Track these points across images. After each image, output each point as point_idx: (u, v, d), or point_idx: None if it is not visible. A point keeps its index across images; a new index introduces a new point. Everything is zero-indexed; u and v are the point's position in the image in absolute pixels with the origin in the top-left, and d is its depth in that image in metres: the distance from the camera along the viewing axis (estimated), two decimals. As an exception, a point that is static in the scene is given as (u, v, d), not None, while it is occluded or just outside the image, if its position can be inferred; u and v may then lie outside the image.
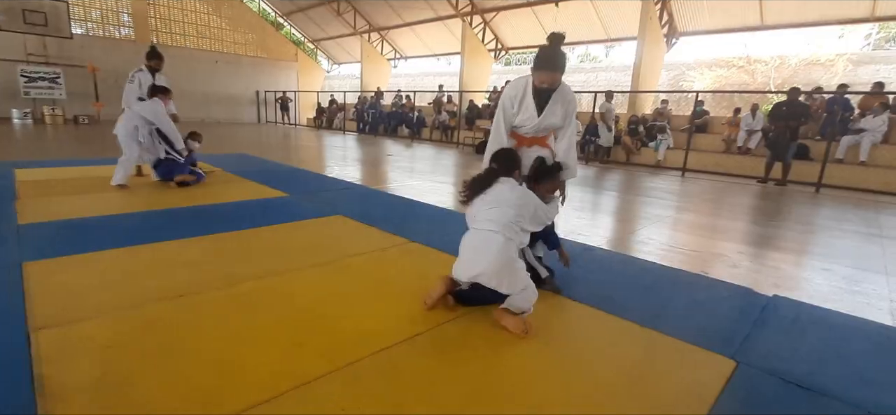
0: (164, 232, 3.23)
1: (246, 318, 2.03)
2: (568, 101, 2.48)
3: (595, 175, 8.27)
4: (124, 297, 2.16)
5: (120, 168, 4.74)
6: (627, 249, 3.60)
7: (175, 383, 1.55)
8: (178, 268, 2.57)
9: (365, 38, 19.40)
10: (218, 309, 2.10)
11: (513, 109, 2.54)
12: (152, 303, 2.12)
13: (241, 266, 2.65)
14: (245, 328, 1.93)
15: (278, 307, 2.14)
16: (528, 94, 2.48)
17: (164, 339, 1.83)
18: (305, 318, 2.05)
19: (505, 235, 2.03)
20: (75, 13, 17.10)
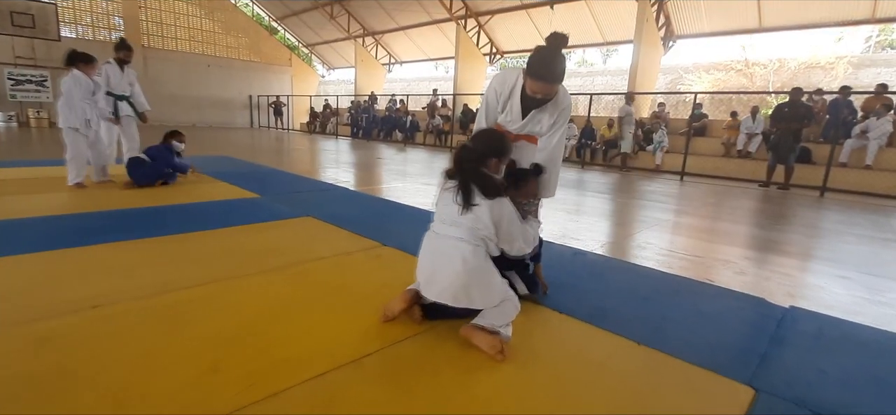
0: (106, 234, 2.88)
1: (163, 334, 1.68)
2: (561, 109, 2.12)
3: (591, 178, 7.95)
4: (24, 309, 1.82)
5: (71, 166, 4.38)
6: (623, 254, 3.27)
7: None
8: (105, 274, 2.23)
9: (359, 43, 19.14)
10: (133, 323, 1.76)
11: (497, 106, 2.22)
12: (57, 317, 1.77)
13: (181, 272, 2.31)
14: (158, 347, 1.59)
15: (206, 321, 1.80)
16: (515, 95, 2.13)
17: (55, 361, 1.48)
18: (235, 334, 1.70)
19: (472, 243, 1.67)
20: (66, 16, 16.87)
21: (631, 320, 2.03)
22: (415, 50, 18.99)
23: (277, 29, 22.68)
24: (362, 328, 1.81)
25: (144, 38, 18.39)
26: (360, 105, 16.83)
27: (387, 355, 1.63)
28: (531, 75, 1.95)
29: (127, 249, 2.64)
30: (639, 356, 1.73)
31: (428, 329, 1.81)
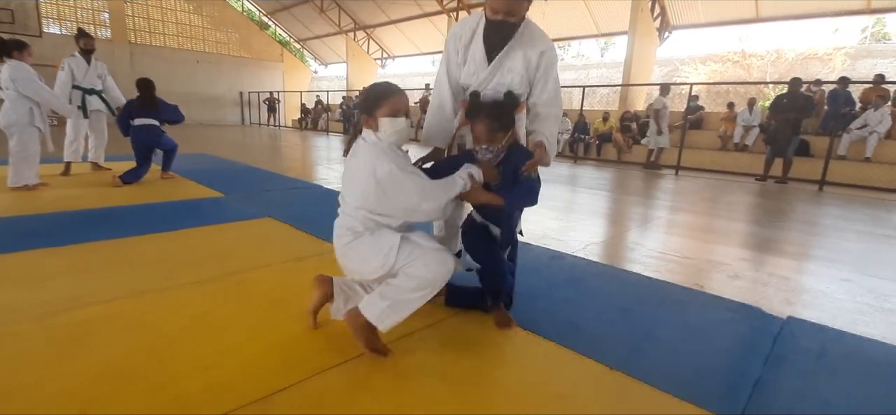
0: (27, 240, 2.60)
1: (44, 364, 1.41)
2: (541, 51, 1.76)
3: (583, 174, 7.68)
4: None
5: (14, 168, 3.97)
6: (608, 257, 3.00)
7: None
8: (11, 286, 1.96)
9: (350, 37, 18.80)
10: (15, 349, 1.49)
11: (457, 57, 1.86)
12: (-73, 341, 1.50)
13: (100, 283, 2.03)
14: (27, 384, 1.32)
15: (103, 347, 1.53)
16: (477, 37, 1.79)
17: None
18: (129, 365, 1.43)
19: (344, 212, 1.58)
20: (51, 12, 16.51)
21: (606, 338, 1.77)
22: (407, 44, 18.66)
23: (269, 24, 22.30)
24: (287, 353, 1.54)
25: (131, 34, 18.02)
26: (352, 100, 16.52)
27: (306, 389, 1.36)
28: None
29: (50, 257, 2.37)
30: (610, 386, 1.47)
31: (360, 356, 1.54)
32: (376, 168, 1.43)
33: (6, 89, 3.99)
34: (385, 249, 1.47)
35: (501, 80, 1.81)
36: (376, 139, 1.51)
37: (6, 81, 3.96)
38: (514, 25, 1.73)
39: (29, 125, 4.02)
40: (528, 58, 1.78)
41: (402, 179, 1.45)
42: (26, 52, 4.13)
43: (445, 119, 1.94)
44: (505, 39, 1.75)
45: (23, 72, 3.97)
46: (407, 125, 1.52)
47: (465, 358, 1.58)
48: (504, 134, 1.66)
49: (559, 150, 10.61)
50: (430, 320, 1.83)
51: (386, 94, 1.51)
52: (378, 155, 1.45)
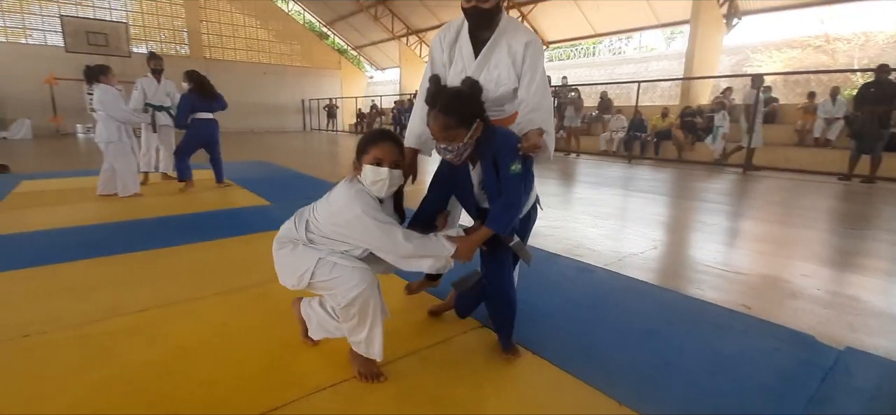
0: (87, 249, 2.87)
1: (69, 374, 1.54)
2: (525, 43, 1.69)
3: (637, 175, 7.25)
4: (-42, 336, 1.77)
5: (121, 181, 4.57)
6: (645, 271, 2.78)
7: None
8: (60, 295, 2.17)
9: (403, 42, 19.18)
10: (49, 357, 1.64)
11: (443, 56, 1.83)
12: (-17, 346, 1.70)
13: (135, 294, 2.20)
14: (48, 394, 1.44)
15: (125, 358, 1.64)
16: (463, 34, 1.77)
17: (-52, 402, 1.38)
18: (139, 377, 1.52)
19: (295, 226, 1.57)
20: (138, 34, 18.36)
21: (621, 367, 1.63)
22: (458, 46, 18.70)
23: (327, 34, 23.30)
24: (287, 369, 1.57)
25: (206, 50, 19.61)
26: (403, 104, 16.84)
27: (297, 408, 1.37)
28: None
29: (101, 266, 2.60)
30: (613, 424, 1.35)
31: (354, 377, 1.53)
32: (344, 202, 1.43)
33: (98, 111, 4.52)
34: (301, 269, 1.46)
35: (489, 75, 1.75)
36: (359, 185, 1.47)
37: (97, 104, 4.49)
38: (490, 13, 1.66)
39: (119, 141, 4.53)
40: (513, 50, 1.71)
41: (371, 226, 1.41)
42: (110, 75, 4.65)
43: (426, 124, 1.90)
44: (487, 30, 1.71)
45: (108, 95, 4.50)
46: (388, 176, 1.44)
47: (462, 382, 1.53)
48: (465, 130, 1.42)
49: (613, 148, 10.13)
50: (434, 339, 1.79)
51: (374, 141, 1.46)
52: (352, 192, 1.43)
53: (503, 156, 1.44)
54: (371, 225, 1.40)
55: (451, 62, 1.84)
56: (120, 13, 17.69)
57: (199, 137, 5.01)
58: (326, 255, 1.45)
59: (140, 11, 18.37)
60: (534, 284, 2.34)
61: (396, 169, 1.46)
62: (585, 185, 6.34)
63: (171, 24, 19.16)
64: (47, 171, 6.62)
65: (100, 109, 4.51)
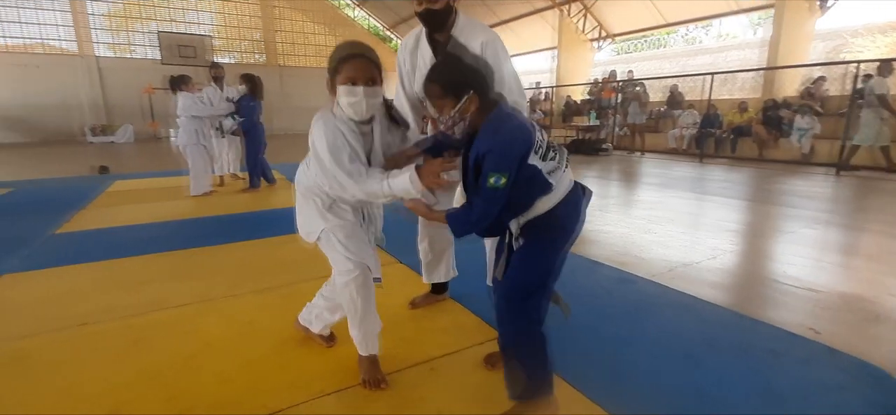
0: (151, 245, 3.15)
1: (110, 362, 1.68)
2: (482, 41, 1.67)
3: (707, 175, 6.66)
4: (21, 323, 1.99)
5: (193, 179, 5.02)
6: (697, 283, 2.52)
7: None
8: (119, 288, 2.39)
9: (463, 41, 19.22)
10: (99, 346, 1.80)
11: (406, 65, 1.85)
12: (43, 333, 1.90)
13: (180, 289, 2.36)
14: (89, 380, 1.57)
15: (155, 351, 1.76)
16: (422, 39, 1.79)
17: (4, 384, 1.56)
18: (165, 370, 1.62)
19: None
20: (222, 45, 20.04)
21: (649, 396, 1.47)
22: (517, 42, 18.35)
23: (390, 37, 23.94)
24: (298, 370, 1.60)
25: (281, 58, 20.97)
26: (463, 104, 16.89)
27: (299, 412, 1.39)
28: None
29: (157, 261, 2.83)
30: (624, 458, 1.22)
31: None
32: (314, 140, 1.37)
33: (180, 116, 5.01)
34: (308, 228, 1.52)
35: None
36: (332, 112, 1.38)
37: (180, 110, 4.98)
38: (441, 14, 1.67)
39: (197, 144, 4.98)
40: (471, 50, 1.68)
41: (327, 163, 1.34)
42: (190, 84, 5.14)
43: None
44: (442, 31, 1.72)
45: (189, 100, 5.00)
46: (364, 95, 1.32)
47: (467, 398, 1.46)
48: (452, 101, 1.23)
49: (683, 146, 9.41)
50: (447, 349, 1.74)
51: (345, 59, 1.34)
52: (319, 127, 1.35)
53: (490, 159, 1.17)
54: (333, 171, 1.34)
55: (415, 69, 1.86)
56: (207, 27, 19.42)
57: (261, 139, 5.35)
58: (331, 222, 1.47)
59: (223, 24, 20.05)
60: (564, 294, 2.21)
61: (373, 86, 1.36)
62: (647, 186, 5.93)
63: (250, 36, 20.69)
64: (139, 171, 7.40)
65: (181, 114, 5.00)
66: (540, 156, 1.20)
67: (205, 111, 5.07)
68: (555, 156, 1.24)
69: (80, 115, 16.40)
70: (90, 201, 4.73)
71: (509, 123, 1.22)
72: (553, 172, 1.23)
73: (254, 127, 5.28)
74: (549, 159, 1.22)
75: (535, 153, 1.20)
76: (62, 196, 5.03)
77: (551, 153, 1.23)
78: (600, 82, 12.38)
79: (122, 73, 17.35)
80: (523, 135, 1.20)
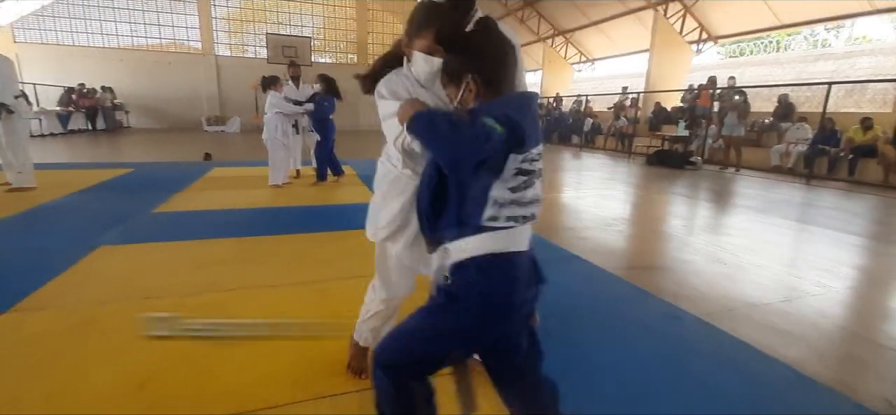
0: (223, 229, 3.50)
1: (139, 338, 1.90)
2: None
3: (814, 199, 5.79)
4: (105, 291, 2.32)
5: (271, 170, 5.51)
6: (754, 327, 2.21)
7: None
8: (192, 267, 2.68)
9: (548, 44, 18.72)
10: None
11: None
12: (110, 302, 2.19)
13: (235, 274, 2.60)
14: (129, 350, 1.79)
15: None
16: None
17: (64, 345, 1.83)
18: (193, 352, 1.79)
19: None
20: (320, 47, 21.64)
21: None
22: (608, 45, 17.46)
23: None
24: (307, 368, 1.67)
25: (372, 58, 22.10)
26: (543, 107, 16.48)
27: (296, 410, 1.46)
28: None
29: (224, 246, 3.13)
30: None
31: (366, 389, 1.55)
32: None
33: (267, 113, 5.54)
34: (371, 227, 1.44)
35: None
36: (405, 74, 1.23)
37: (268, 107, 5.51)
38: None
39: (277, 138, 5.47)
40: None
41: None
42: (279, 84, 5.64)
43: None
44: None
45: (276, 98, 5.52)
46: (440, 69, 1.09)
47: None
48: (454, 88, 1.04)
49: (789, 164, 8.30)
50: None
51: (429, 24, 1.12)
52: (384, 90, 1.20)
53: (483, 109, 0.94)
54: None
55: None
56: (309, 29, 21.10)
57: (331, 135, 5.70)
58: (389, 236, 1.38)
59: (322, 27, 21.62)
60: (594, 326, 2.07)
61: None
62: (734, 208, 5.33)
63: (345, 37, 22.09)
64: (235, 160, 8.25)
65: (269, 111, 5.50)
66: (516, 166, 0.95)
67: (288, 109, 5.51)
68: (527, 183, 0.97)
69: (200, 106, 18.67)
70: (188, 185, 5.37)
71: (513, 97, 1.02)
72: (512, 203, 0.96)
73: (325, 124, 5.63)
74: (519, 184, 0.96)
75: (518, 153, 0.94)
76: (169, 178, 5.78)
77: (523, 177, 0.96)
78: (696, 89, 11.35)
79: (235, 69, 19.44)
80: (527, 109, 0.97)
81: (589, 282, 2.73)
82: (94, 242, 3.06)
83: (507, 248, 0.96)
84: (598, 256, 3.18)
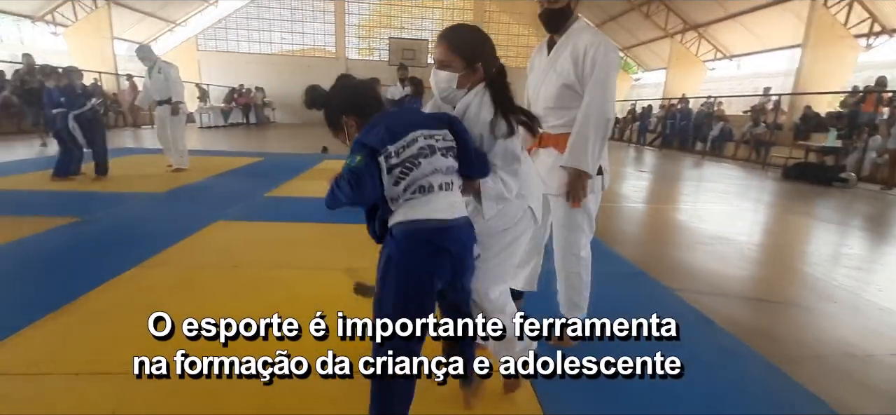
0: (320, 215, 3.93)
1: (215, 302, 2.28)
2: (587, 45, 1.67)
3: None
4: (206, 258, 2.83)
5: None
6: (844, 385, 1.84)
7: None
8: (273, 244, 3.13)
9: (676, 40, 17.01)
10: (221, 286, 2.45)
11: (529, 69, 1.98)
12: (207, 268, 2.67)
13: (301, 255, 2.96)
14: (192, 310, 2.18)
15: (243, 300, 2.28)
16: (544, 43, 1.88)
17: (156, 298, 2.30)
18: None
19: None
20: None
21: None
22: (750, 40, 15.23)
23: (596, 36, 22.90)
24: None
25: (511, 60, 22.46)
26: (670, 110, 15.04)
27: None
28: None
29: (310, 229, 3.55)
30: None
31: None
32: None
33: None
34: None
35: (550, 83, 1.79)
36: None
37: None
38: (559, 13, 1.73)
39: None
40: (577, 49, 1.70)
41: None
42: (379, 85, 6.17)
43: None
44: (558, 32, 1.77)
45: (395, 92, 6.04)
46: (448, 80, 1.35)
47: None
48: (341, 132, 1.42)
49: None
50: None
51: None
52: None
53: None
54: None
55: (531, 70, 1.96)
56: (427, 32, 22.21)
57: None
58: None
59: (440, 30, 22.59)
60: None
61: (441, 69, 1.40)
62: (887, 237, 4.36)
63: (461, 38, 22.77)
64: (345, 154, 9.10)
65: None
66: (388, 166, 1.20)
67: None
68: (410, 169, 1.19)
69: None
70: (300, 174, 6.13)
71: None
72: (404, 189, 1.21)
73: None
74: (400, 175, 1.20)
75: (382, 157, 1.20)
76: (287, 167, 6.65)
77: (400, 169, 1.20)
78: (862, 91, 9.38)
79: (362, 71, 21.24)
80: (380, 121, 1.27)
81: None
82: (214, 217, 3.71)
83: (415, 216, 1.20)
84: (693, 282, 2.91)
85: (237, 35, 20.46)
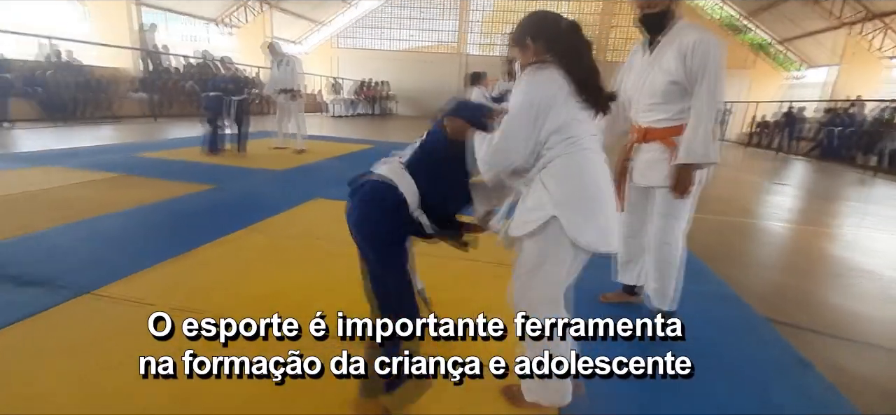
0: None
1: (265, 272, 2.57)
2: (695, 39, 1.69)
3: None
4: (297, 228, 3.21)
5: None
6: None
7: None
8: (328, 222, 3.37)
9: (852, 30, 14.01)
10: (294, 254, 2.76)
11: (627, 67, 2.03)
12: (296, 238, 3.05)
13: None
14: (240, 282, 2.49)
15: (283, 271, 2.54)
16: (645, 44, 1.93)
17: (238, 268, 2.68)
18: (267, 290, 2.35)
19: None
20: (559, 42, 21.95)
21: None
22: None
23: (747, 28, 19.97)
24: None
25: (609, 53, 21.03)
26: (839, 115, 12.49)
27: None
28: None
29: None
30: None
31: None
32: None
33: None
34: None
35: (654, 78, 1.82)
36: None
37: (475, 99, 6.28)
38: (659, 17, 1.79)
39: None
40: (683, 45, 1.72)
41: None
42: (484, 80, 6.30)
43: (616, 127, 2.09)
44: (659, 33, 1.82)
45: (476, 94, 6.16)
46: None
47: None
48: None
49: None
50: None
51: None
52: None
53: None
54: None
55: (630, 68, 2.00)
56: (549, 26, 21.66)
57: None
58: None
59: (562, 25, 21.84)
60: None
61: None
62: None
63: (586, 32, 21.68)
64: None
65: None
66: None
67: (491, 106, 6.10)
68: None
69: (446, 97, 21.63)
70: (401, 162, 6.52)
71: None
72: None
73: None
74: None
75: None
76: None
77: None
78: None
79: (480, 66, 21.61)
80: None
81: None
82: (315, 194, 4.18)
83: None
84: (804, 317, 2.49)
85: (371, 33, 22.30)
